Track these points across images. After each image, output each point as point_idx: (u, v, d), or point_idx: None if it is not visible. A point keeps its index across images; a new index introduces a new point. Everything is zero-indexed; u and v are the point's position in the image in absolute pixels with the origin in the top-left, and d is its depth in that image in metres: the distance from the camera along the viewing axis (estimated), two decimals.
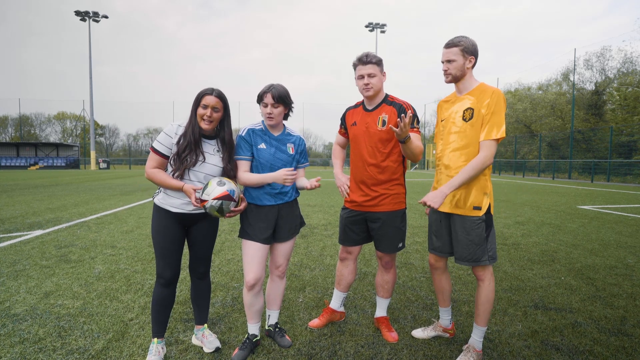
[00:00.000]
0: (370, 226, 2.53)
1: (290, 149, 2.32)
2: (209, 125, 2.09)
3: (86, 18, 36.55)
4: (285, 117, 2.33)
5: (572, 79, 30.54)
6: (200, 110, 2.08)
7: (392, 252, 2.52)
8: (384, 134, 2.38)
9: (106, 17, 37.28)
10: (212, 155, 2.15)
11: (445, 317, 2.58)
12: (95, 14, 36.64)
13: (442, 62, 2.23)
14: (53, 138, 67.72)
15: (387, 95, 2.47)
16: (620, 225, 6.65)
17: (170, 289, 2.18)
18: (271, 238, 2.29)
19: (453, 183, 2.07)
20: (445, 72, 2.24)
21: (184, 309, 2.94)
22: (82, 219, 7.05)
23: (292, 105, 2.32)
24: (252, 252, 2.22)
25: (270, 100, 2.19)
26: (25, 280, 3.58)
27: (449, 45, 2.20)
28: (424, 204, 2.04)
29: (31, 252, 4.59)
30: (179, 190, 2.02)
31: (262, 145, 2.25)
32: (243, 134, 2.27)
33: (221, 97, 2.10)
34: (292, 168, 2.29)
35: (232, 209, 2.02)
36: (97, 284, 3.49)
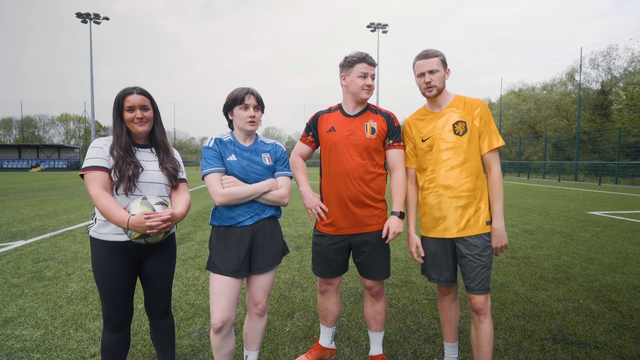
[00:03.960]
0: (355, 252, 2.19)
1: (266, 159, 2.02)
2: (144, 126, 1.78)
3: (87, 20, 36.44)
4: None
5: (577, 78, 30.04)
6: (127, 115, 1.75)
7: (384, 278, 2.21)
8: (372, 142, 2.08)
9: (107, 18, 37.10)
10: (151, 162, 1.83)
11: (451, 355, 2.25)
12: (97, 15, 36.46)
13: (421, 75, 2.03)
14: (57, 140, 67.89)
15: (369, 104, 2.20)
16: (637, 235, 6.25)
17: (122, 333, 1.82)
18: (245, 270, 1.94)
19: (499, 212, 2.00)
20: (428, 85, 2.03)
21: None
22: (70, 227, 6.75)
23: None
24: (219, 288, 1.88)
25: (254, 102, 1.96)
26: None
27: (429, 55, 2.03)
28: (499, 251, 2.02)
29: (4, 268, 4.28)
30: (123, 226, 1.60)
31: (232, 157, 1.95)
32: (210, 144, 1.96)
33: (145, 93, 1.80)
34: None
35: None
36: (66, 307, 3.17)
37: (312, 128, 2.24)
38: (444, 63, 2.04)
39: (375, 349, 2.32)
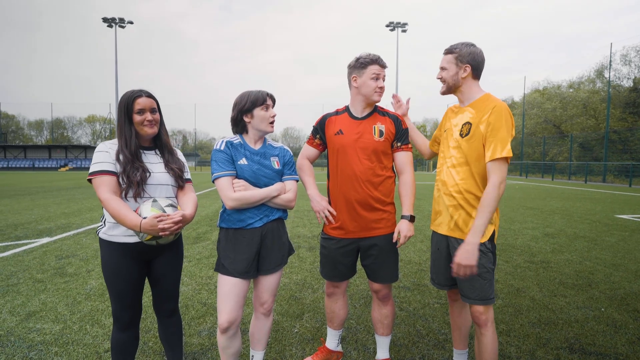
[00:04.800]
0: (362, 255, 2.18)
1: (275, 163, 2.02)
2: (153, 128, 1.81)
3: (113, 24, 37.76)
4: None
5: (607, 75, 28.73)
6: (137, 117, 1.77)
7: (392, 281, 2.19)
8: (380, 145, 2.06)
9: (131, 23, 38.35)
10: (157, 164, 1.85)
11: None
12: (121, 20, 37.74)
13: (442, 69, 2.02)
14: (84, 140, 70.82)
15: (377, 106, 2.17)
16: None
17: (131, 332, 1.87)
18: (254, 271, 1.96)
19: (477, 228, 1.75)
20: (440, 81, 2.04)
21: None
22: (92, 225, 7.01)
23: None
24: (228, 289, 1.89)
25: (272, 103, 2.00)
26: (13, 297, 3.42)
27: (445, 51, 2.00)
28: (457, 271, 1.77)
29: (30, 264, 4.49)
30: (136, 229, 1.63)
31: (243, 161, 1.94)
32: (221, 147, 1.95)
33: (152, 96, 1.83)
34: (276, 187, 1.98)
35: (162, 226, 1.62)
36: (84, 303, 3.29)
37: (320, 131, 2.23)
38: (459, 60, 1.94)
39: (382, 353, 2.29)
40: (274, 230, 2.00)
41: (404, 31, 37.58)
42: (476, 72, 1.94)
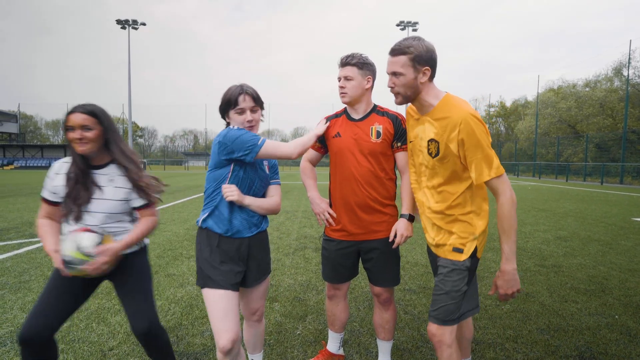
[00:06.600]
0: (363, 258, 2.15)
1: (266, 167, 1.94)
2: (84, 147, 1.67)
3: (126, 26, 38.43)
4: None
5: (625, 73, 27.92)
6: (69, 134, 1.67)
7: (393, 285, 2.16)
8: (378, 146, 2.02)
9: (144, 24, 38.95)
10: (105, 188, 1.73)
11: None
12: (135, 21, 38.38)
13: (388, 75, 1.68)
14: None
15: (375, 105, 2.12)
16: None
17: (28, 349, 1.59)
18: (241, 281, 1.85)
19: (509, 253, 1.58)
20: (392, 90, 1.68)
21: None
22: None
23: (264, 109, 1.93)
24: (223, 305, 1.70)
25: (250, 104, 1.80)
26: (25, 294, 3.50)
27: (394, 52, 1.63)
28: (506, 300, 1.63)
29: (42, 261, 4.58)
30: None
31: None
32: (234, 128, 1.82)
33: (91, 112, 1.67)
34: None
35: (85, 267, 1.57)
36: (91, 301, 3.34)
37: None
38: (416, 62, 1.59)
39: (384, 358, 2.26)
40: (261, 240, 1.93)
41: (414, 30, 37.23)
42: (434, 74, 1.66)
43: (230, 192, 1.75)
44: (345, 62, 2.00)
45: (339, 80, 2.04)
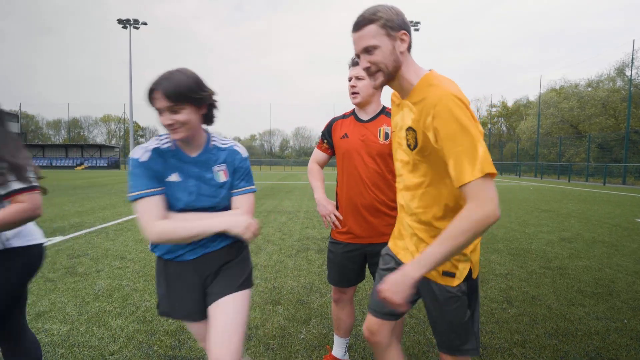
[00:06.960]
0: (369, 262, 2.11)
1: (221, 174, 1.48)
2: None
3: (127, 25, 38.46)
4: (208, 120, 1.48)
5: (628, 73, 27.84)
6: None
7: None
8: (386, 148, 1.98)
9: (145, 24, 38.97)
10: None
11: None
12: (136, 21, 38.41)
13: (357, 57, 1.32)
14: (99, 139, 72.42)
15: (384, 107, 2.09)
16: None
17: None
18: (203, 311, 1.54)
19: (424, 260, 1.18)
20: (369, 72, 1.30)
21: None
22: (103, 225, 7.10)
23: (209, 97, 1.43)
24: (194, 331, 1.61)
25: (163, 103, 1.32)
26: None
27: (360, 24, 1.26)
28: (386, 301, 1.21)
29: (43, 262, 4.54)
30: None
31: (174, 177, 1.42)
32: (144, 159, 1.38)
33: None
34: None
35: None
36: (92, 304, 3.30)
37: (327, 135, 2.19)
38: (389, 27, 1.24)
39: None
40: (222, 257, 1.51)
41: (416, 30, 37.18)
42: (411, 42, 1.30)
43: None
44: (355, 62, 1.97)
45: (350, 81, 2.00)
